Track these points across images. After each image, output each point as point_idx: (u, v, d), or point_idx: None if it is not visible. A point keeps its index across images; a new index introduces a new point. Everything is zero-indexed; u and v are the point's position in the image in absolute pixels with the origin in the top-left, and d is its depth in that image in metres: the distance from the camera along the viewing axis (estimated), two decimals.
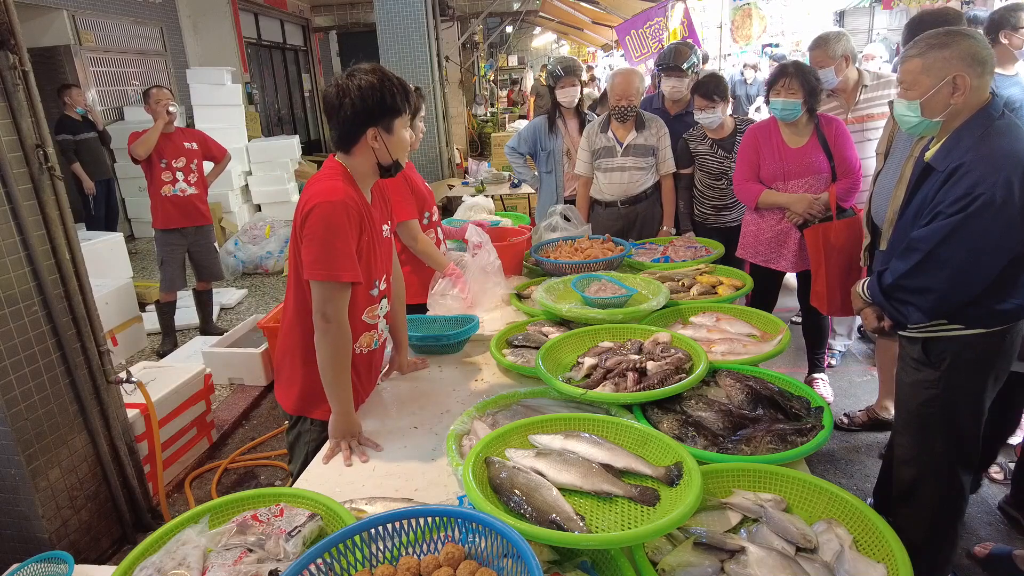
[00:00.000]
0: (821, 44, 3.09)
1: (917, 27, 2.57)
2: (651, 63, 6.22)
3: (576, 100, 3.94)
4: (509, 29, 16.55)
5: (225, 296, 5.66)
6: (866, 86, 3.15)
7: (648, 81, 4.83)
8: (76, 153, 6.42)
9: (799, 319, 3.83)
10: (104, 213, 6.95)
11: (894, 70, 3.42)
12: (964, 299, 1.80)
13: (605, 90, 4.45)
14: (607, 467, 1.38)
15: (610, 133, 3.52)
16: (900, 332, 2.03)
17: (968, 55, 1.74)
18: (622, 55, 9.38)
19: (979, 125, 1.76)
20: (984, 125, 1.75)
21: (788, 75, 2.92)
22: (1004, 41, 3.05)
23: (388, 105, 1.71)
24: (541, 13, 12.76)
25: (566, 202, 3.88)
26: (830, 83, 3.12)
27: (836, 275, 2.96)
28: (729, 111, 3.54)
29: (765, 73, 8.51)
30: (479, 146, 11.89)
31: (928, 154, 1.88)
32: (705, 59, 8.03)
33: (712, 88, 3.37)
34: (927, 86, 1.79)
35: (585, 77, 13.15)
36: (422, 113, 2.54)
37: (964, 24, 2.58)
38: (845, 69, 3.10)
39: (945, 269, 1.77)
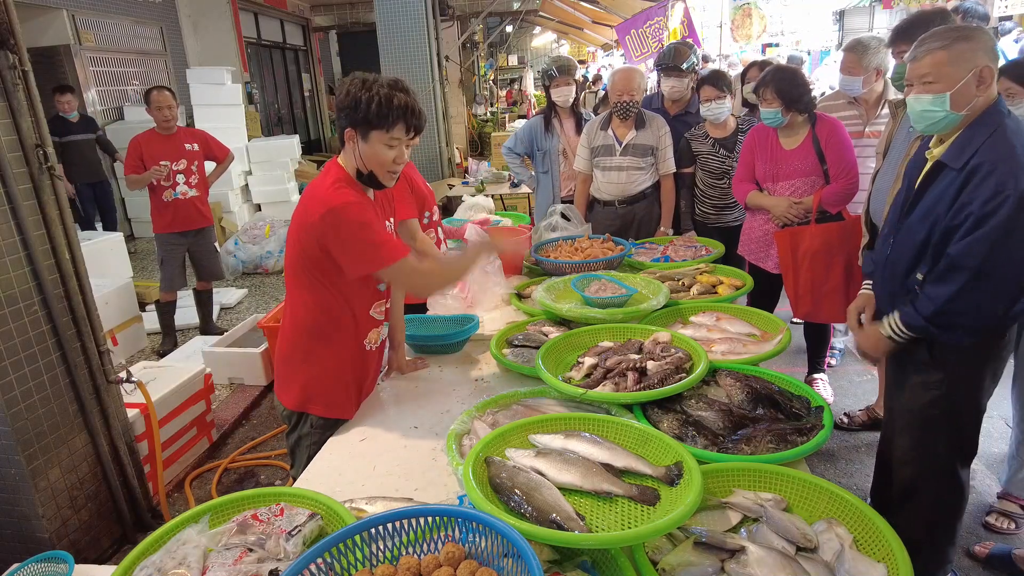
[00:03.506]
0: (858, 51, 2.97)
1: (906, 30, 2.55)
2: (651, 62, 6.22)
3: (571, 99, 3.94)
4: (509, 29, 16.55)
5: (225, 296, 5.66)
6: (889, 100, 3.05)
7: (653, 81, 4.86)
8: (61, 155, 6.40)
9: (799, 320, 3.84)
10: (96, 214, 6.94)
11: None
12: (1007, 307, 1.74)
13: (607, 91, 4.46)
14: (607, 467, 1.38)
15: (610, 131, 3.52)
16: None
17: (990, 48, 1.73)
18: (622, 55, 9.38)
19: (991, 123, 1.74)
20: (995, 123, 1.74)
21: (764, 84, 2.93)
22: None
23: (361, 113, 1.71)
24: (541, 13, 12.76)
25: (563, 201, 3.88)
26: (854, 92, 3.08)
27: (807, 280, 2.94)
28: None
29: None
30: (479, 146, 11.89)
31: (937, 151, 1.85)
32: (706, 60, 8.04)
33: (720, 78, 3.40)
34: (956, 78, 1.74)
35: (581, 75, 13.15)
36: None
37: (953, 21, 2.56)
38: (874, 82, 3.04)
39: (991, 282, 1.72)
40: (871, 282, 2.25)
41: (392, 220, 2.03)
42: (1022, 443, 2.47)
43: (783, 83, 2.89)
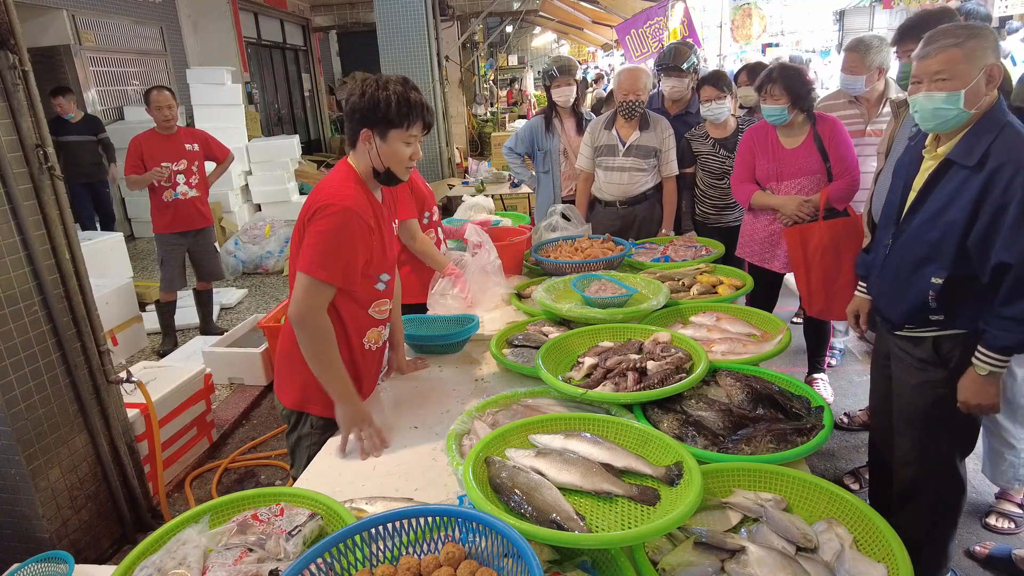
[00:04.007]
0: (860, 49, 2.97)
1: (912, 29, 2.54)
2: (651, 62, 6.22)
3: (572, 99, 3.94)
4: (509, 29, 16.56)
5: (225, 296, 5.66)
6: (891, 99, 3.05)
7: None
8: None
9: (799, 320, 3.84)
10: (90, 215, 6.92)
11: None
12: None
13: (611, 91, 4.46)
14: (607, 467, 1.38)
15: (614, 131, 3.51)
16: (898, 332, 2.01)
17: (997, 47, 1.73)
18: (622, 55, 9.38)
19: (996, 122, 1.74)
20: (1001, 121, 1.74)
21: (771, 81, 2.90)
22: None
23: (381, 113, 1.73)
24: (541, 13, 12.77)
25: (564, 201, 3.88)
26: (856, 91, 3.08)
27: (819, 277, 2.94)
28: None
29: None
30: (479, 146, 11.89)
31: (942, 150, 1.84)
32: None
33: (721, 78, 3.40)
34: (970, 76, 1.72)
35: (590, 77, 13.12)
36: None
37: (958, 20, 2.56)
38: (876, 81, 3.03)
39: None
40: (865, 285, 2.25)
41: (396, 222, 2.05)
42: (994, 434, 2.49)
43: (790, 79, 2.88)
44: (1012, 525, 2.54)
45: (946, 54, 1.74)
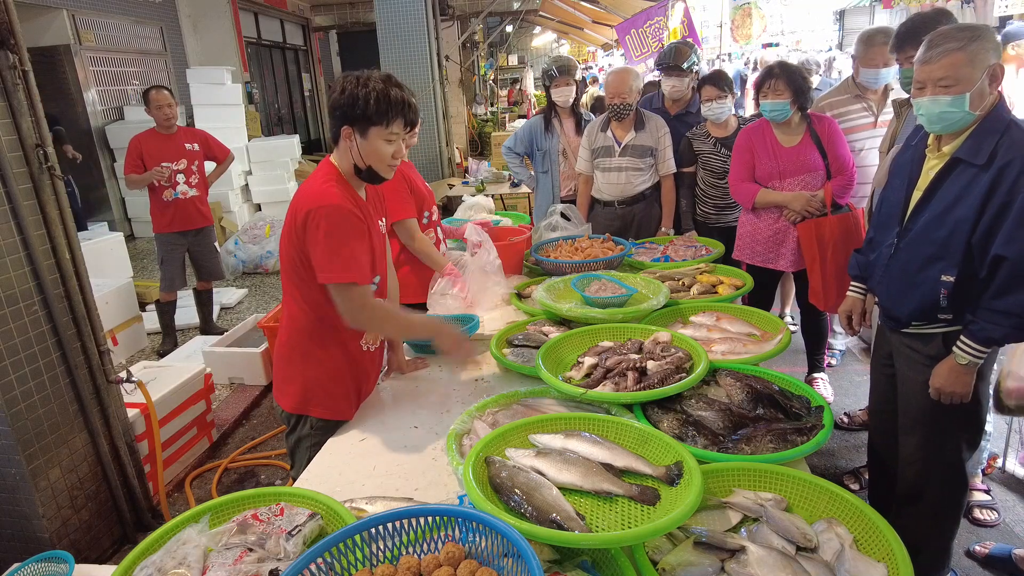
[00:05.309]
0: (886, 40, 2.92)
1: (912, 34, 2.53)
2: (651, 62, 6.23)
3: (571, 100, 3.95)
4: (509, 28, 16.53)
5: (225, 296, 5.66)
6: (893, 100, 3.07)
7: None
8: None
9: (795, 327, 3.84)
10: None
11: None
12: None
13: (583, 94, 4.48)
14: (607, 466, 1.38)
15: (609, 132, 3.52)
16: (904, 330, 2.01)
17: (998, 46, 1.74)
18: (622, 54, 9.38)
19: (1001, 120, 1.76)
20: (1005, 119, 1.75)
21: (774, 76, 2.92)
22: None
23: (360, 110, 1.72)
24: (541, 12, 12.77)
25: (563, 201, 3.88)
26: (886, 81, 3.10)
27: (832, 271, 2.96)
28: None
29: None
30: (479, 145, 11.89)
31: (947, 148, 1.84)
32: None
33: (721, 78, 3.41)
34: (974, 78, 1.73)
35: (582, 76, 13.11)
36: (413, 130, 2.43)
37: (953, 20, 2.54)
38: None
39: None
40: (861, 285, 2.24)
41: (384, 220, 2.04)
42: None
43: (793, 75, 2.91)
44: (996, 515, 2.55)
45: (950, 58, 1.74)
